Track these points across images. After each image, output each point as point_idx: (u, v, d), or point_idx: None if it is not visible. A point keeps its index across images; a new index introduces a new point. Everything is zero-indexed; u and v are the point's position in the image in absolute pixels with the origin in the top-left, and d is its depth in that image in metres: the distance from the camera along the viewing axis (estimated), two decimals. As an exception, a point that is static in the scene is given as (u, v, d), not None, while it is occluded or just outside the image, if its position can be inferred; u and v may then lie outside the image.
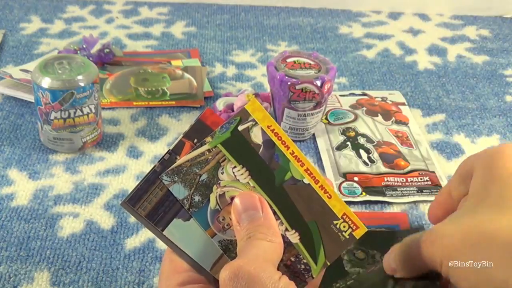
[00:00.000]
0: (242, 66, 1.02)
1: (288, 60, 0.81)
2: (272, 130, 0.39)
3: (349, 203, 0.73)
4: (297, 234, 0.39)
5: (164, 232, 0.40)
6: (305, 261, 0.40)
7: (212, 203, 0.39)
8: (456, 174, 0.43)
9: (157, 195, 0.40)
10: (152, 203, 0.40)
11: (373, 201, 0.73)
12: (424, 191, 0.75)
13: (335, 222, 0.40)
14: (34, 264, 0.62)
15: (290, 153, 0.40)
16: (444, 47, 1.13)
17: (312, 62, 0.81)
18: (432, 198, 0.74)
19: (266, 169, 0.39)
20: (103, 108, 0.86)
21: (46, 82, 0.72)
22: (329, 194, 0.39)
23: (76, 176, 0.75)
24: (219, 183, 0.39)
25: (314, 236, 0.39)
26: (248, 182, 0.39)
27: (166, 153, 0.41)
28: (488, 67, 1.07)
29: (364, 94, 0.95)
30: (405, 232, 0.69)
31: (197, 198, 0.39)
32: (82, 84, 0.73)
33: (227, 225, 0.39)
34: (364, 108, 0.90)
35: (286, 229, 0.39)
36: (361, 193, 0.74)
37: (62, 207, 0.70)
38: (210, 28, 1.15)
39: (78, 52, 0.95)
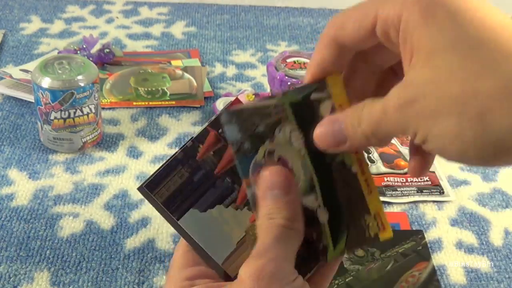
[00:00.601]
0: (242, 66, 1.02)
1: (288, 60, 0.81)
2: (341, 110, 0.38)
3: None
4: (327, 214, 0.39)
5: (179, 221, 0.39)
6: (325, 242, 0.39)
7: (259, 156, 0.38)
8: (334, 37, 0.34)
9: (175, 183, 0.39)
10: (170, 190, 0.39)
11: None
12: (424, 191, 0.75)
13: (365, 217, 0.39)
14: (34, 264, 0.62)
15: None
16: (444, 47, 1.13)
17: (312, 62, 0.81)
18: (432, 198, 0.74)
19: None
20: (103, 108, 0.86)
21: (46, 82, 0.72)
22: (370, 190, 0.39)
23: (76, 176, 0.75)
24: (273, 139, 0.38)
25: (341, 222, 0.39)
26: (300, 150, 0.38)
27: (189, 140, 0.40)
28: (488, 67, 1.07)
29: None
30: (406, 232, 0.69)
31: (246, 145, 0.38)
32: (82, 84, 0.73)
33: None
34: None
35: (319, 206, 0.38)
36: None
37: (62, 207, 0.70)
38: (210, 28, 1.15)
39: (78, 52, 0.95)
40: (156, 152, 0.80)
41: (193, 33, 1.12)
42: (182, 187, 0.40)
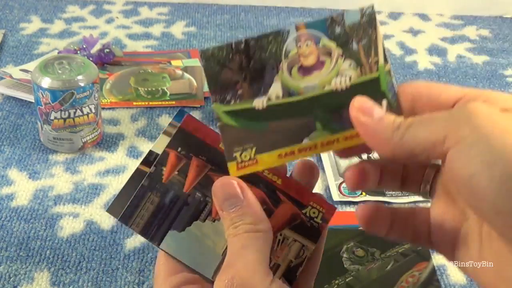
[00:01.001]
0: (242, 66, 1.02)
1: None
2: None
3: (349, 203, 0.73)
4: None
5: (161, 246, 0.40)
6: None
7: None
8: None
9: (148, 210, 0.40)
10: (144, 218, 0.40)
11: (373, 201, 0.73)
12: (424, 191, 0.75)
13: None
14: (34, 264, 0.62)
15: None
16: (444, 47, 1.13)
17: (312, 62, 0.81)
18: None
19: None
20: (103, 108, 0.86)
21: (46, 82, 0.72)
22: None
23: (76, 176, 0.75)
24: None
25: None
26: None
27: (152, 166, 0.40)
28: (488, 67, 1.07)
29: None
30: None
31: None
32: (82, 84, 0.73)
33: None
34: (364, 108, 0.90)
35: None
36: (361, 193, 0.74)
37: (62, 207, 0.70)
38: (210, 28, 1.15)
39: (78, 52, 0.95)
40: (156, 152, 0.80)
41: (193, 33, 1.12)
42: (155, 213, 0.40)
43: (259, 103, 0.37)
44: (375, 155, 0.38)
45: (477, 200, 0.30)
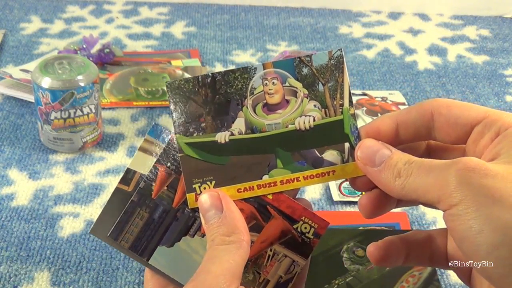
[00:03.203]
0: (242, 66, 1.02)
1: (288, 60, 0.81)
2: None
3: (349, 203, 0.73)
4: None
5: (150, 262, 0.40)
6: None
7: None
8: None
9: (137, 226, 0.40)
10: (134, 234, 0.40)
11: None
12: (424, 191, 0.75)
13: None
14: (34, 264, 0.62)
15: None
16: (444, 47, 1.13)
17: (312, 62, 0.81)
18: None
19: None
20: (103, 108, 0.86)
21: (46, 82, 0.72)
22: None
23: (76, 176, 0.75)
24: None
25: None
26: None
27: (142, 181, 0.40)
28: (488, 67, 1.07)
29: (364, 94, 0.95)
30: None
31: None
32: (82, 84, 0.73)
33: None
34: (364, 108, 0.90)
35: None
36: (361, 193, 0.74)
37: (62, 207, 0.70)
38: (210, 28, 1.15)
39: (78, 52, 0.95)
40: (156, 152, 0.80)
41: (193, 33, 1.12)
42: (145, 228, 0.40)
43: (221, 137, 0.38)
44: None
45: (469, 259, 0.31)
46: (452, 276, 0.64)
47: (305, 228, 0.40)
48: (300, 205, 0.40)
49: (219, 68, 1.01)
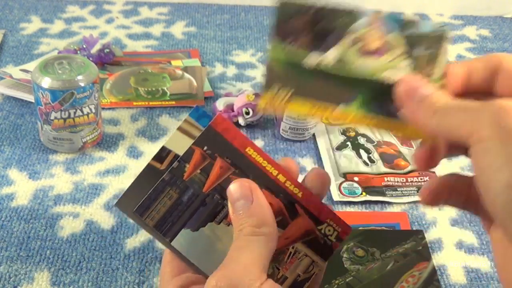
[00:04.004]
0: (242, 66, 1.02)
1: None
2: None
3: (349, 203, 0.73)
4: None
5: (172, 243, 0.40)
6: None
7: None
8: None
9: (165, 205, 0.40)
10: (160, 213, 0.40)
11: (373, 201, 0.73)
12: (424, 191, 0.75)
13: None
14: (34, 264, 0.62)
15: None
16: (444, 47, 1.13)
17: (312, 62, 0.81)
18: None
19: None
20: (103, 108, 0.86)
21: (46, 82, 0.72)
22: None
23: (76, 176, 0.75)
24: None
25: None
26: None
27: (176, 161, 0.40)
28: (488, 67, 1.07)
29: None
30: (407, 232, 0.69)
31: None
32: (82, 84, 0.73)
33: None
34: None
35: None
36: (361, 193, 0.74)
37: (62, 207, 0.70)
38: (210, 28, 1.15)
39: (78, 52, 0.95)
40: (156, 152, 0.80)
41: (193, 33, 1.12)
42: (172, 209, 0.40)
43: (313, 59, 0.37)
44: (375, 155, 0.38)
45: (488, 201, 0.31)
46: (452, 276, 0.64)
47: (329, 230, 0.40)
48: (327, 208, 0.40)
49: (219, 68, 1.01)
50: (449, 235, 0.70)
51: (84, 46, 0.96)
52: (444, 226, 0.71)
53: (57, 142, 0.77)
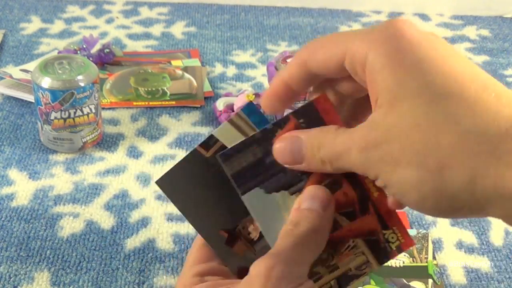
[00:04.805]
0: (242, 66, 1.02)
1: (288, 60, 0.81)
2: None
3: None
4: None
5: (243, 197, 0.39)
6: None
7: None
8: (304, 61, 0.35)
9: (247, 160, 0.39)
10: (241, 165, 0.39)
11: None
12: (424, 191, 0.75)
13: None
14: (34, 264, 0.62)
15: None
16: (444, 47, 1.13)
17: (312, 62, 0.81)
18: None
19: None
20: (103, 108, 0.86)
21: (46, 82, 0.72)
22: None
23: (76, 176, 0.75)
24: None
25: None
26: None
27: (270, 124, 0.39)
28: (488, 67, 1.07)
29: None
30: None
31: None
32: (82, 84, 0.73)
33: None
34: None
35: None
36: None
37: (62, 207, 0.70)
38: (210, 28, 1.15)
39: (78, 52, 0.95)
40: (156, 152, 0.80)
41: (193, 33, 1.12)
42: (253, 165, 0.39)
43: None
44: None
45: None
46: (452, 276, 0.64)
47: (392, 238, 0.40)
48: (397, 217, 0.40)
49: (219, 68, 1.01)
50: (449, 235, 0.70)
51: (84, 46, 0.96)
52: (444, 226, 0.71)
53: (57, 142, 0.77)
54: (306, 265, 0.35)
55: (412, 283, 0.58)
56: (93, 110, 0.76)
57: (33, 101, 0.78)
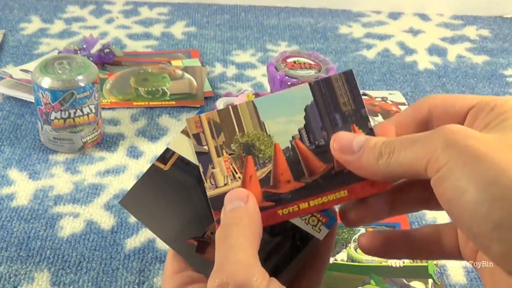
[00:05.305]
0: (242, 66, 1.02)
1: (288, 60, 0.81)
2: None
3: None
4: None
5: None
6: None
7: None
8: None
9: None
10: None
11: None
12: (424, 191, 0.75)
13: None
14: (34, 264, 0.62)
15: None
16: (444, 47, 1.13)
17: (312, 62, 0.81)
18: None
19: None
20: (103, 108, 0.86)
21: (46, 82, 0.72)
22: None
23: (76, 176, 0.75)
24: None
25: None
26: None
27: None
28: (488, 67, 1.07)
29: (364, 94, 0.95)
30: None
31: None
32: (82, 84, 0.73)
33: None
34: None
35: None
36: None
37: (62, 207, 0.70)
38: (210, 28, 1.15)
39: (78, 52, 0.95)
40: (156, 152, 0.80)
41: (193, 33, 1.12)
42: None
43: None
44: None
45: (457, 223, 0.31)
46: (452, 277, 0.64)
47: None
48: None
49: (219, 68, 1.01)
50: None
51: (84, 46, 0.96)
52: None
53: (57, 142, 0.77)
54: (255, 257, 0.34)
55: (412, 283, 0.58)
56: (93, 110, 0.76)
57: (33, 101, 0.78)
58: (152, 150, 0.80)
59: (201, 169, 0.39)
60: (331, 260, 0.59)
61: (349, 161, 0.35)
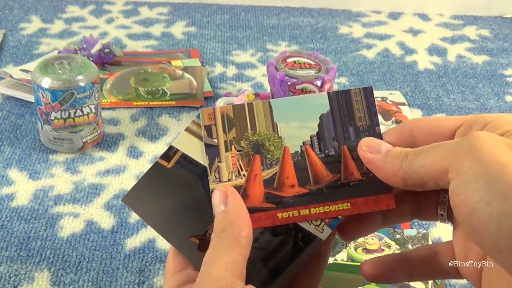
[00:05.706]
0: (242, 66, 1.02)
1: (288, 60, 0.81)
2: None
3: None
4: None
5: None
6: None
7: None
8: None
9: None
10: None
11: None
12: (424, 191, 0.75)
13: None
14: (34, 264, 0.62)
15: None
16: (444, 47, 1.13)
17: (312, 62, 0.81)
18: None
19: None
20: (103, 108, 0.86)
21: (46, 82, 0.72)
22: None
23: (76, 176, 0.75)
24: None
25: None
26: None
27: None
28: (488, 67, 1.07)
29: (364, 94, 0.95)
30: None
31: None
32: (82, 84, 0.73)
33: None
34: (364, 108, 0.90)
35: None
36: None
37: (62, 207, 0.70)
38: (210, 28, 1.15)
39: (78, 52, 0.95)
40: (156, 152, 0.80)
41: (193, 33, 1.12)
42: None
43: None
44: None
45: (477, 236, 0.29)
46: (452, 276, 0.64)
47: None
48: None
49: (219, 68, 1.01)
50: (449, 235, 0.69)
51: (84, 46, 0.96)
52: (444, 226, 0.71)
53: (57, 142, 0.77)
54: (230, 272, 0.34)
55: (412, 283, 0.58)
56: (93, 110, 0.76)
57: (33, 101, 0.78)
58: (152, 150, 0.80)
59: (207, 161, 0.39)
60: (331, 260, 0.59)
61: (375, 159, 0.35)
